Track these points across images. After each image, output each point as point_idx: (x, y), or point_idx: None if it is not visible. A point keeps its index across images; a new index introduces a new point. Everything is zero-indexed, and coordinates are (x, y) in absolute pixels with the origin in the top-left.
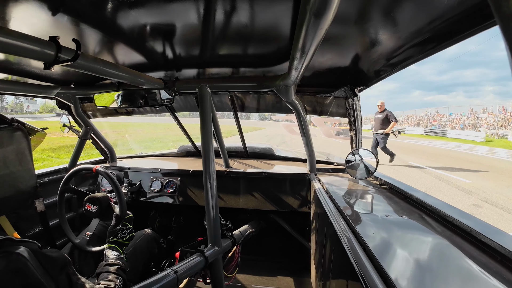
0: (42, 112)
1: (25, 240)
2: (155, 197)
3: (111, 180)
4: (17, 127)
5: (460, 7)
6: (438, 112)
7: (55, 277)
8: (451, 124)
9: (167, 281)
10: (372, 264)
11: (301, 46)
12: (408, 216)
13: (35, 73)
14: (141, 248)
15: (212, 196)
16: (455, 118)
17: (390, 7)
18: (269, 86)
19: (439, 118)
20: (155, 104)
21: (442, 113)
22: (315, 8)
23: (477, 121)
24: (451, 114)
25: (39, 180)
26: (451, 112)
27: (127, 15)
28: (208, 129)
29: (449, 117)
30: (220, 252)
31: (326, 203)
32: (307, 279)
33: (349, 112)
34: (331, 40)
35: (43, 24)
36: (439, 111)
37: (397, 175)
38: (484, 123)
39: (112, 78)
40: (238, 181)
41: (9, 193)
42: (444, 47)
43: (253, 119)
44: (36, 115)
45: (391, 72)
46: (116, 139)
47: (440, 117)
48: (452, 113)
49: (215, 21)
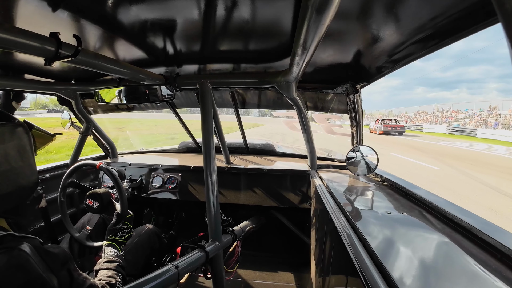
0: (33, 109)
1: (26, 236)
2: (156, 193)
3: (113, 177)
4: (18, 123)
5: (462, 4)
6: (452, 108)
7: (57, 272)
8: (471, 121)
9: (168, 276)
10: (371, 260)
11: (303, 42)
12: (409, 213)
13: (36, 69)
14: (143, 243)
15: (213, 192)
16: (471, 114)
17: (392, 3)
18: (270, 82)
19: (455, 115)
20: (156, 100)
21: (456, 109)
22: (317, 4)
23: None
24: (466, 110)
25: (41, 176)
26: (466, 108)
27: (128, 10)
28: (209, 125)
29: (466, 113)
30: (220, 248)
31: (326, 200)
32: (307, 275)
33: (351, 108)
34: (332, 36)
35: (43, 20)
36: (452, 106)
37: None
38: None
39: (113, 74)
40: (239, 177)
41: (11, 189)
42: (446, 44)
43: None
44: (26, 111)
45: (393, 69)
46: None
47: (456, 114)
48: (468, 109)
49: (216, 17)
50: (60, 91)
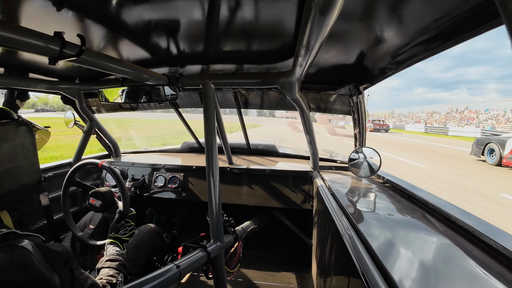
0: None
1: (29, 234)
2: (158, 192)
3: (115, 176)
4: (21, 122)
5: (466, 5)
6: (469, 108)
7: (59, 271)
8: (498, 124)
9: (170, 276)
10: (373, 262)
11: (306, 43)
12: (411, 215)
13: (40, 68)
14: (145, 242)
15: (215, 192)
16: (496, 114)
17: (396, 4)
18: (273, 83)
19: (475, 116)
20: (159, 100)
21: (474, 110)
22: (320, 5)
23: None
24: (487, 111)
25: (44, 175)
26: (487, 109)
27: (132, 10)
28: (211, 125)
29: (487, 113)
30: (222, 248)
31: (328, 201)
32: (308, 275)
33: (354, 109)
34: (336, 37)
35: (48, 19)
36: (469, 106)
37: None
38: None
39: (117, 74)
40: (241, 178)
41: (14, 187)
42: (450, 46)
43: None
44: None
45: (396, 70)
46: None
47: (476, 114)
48: (488, 109)
49: (219, 17)
50: (64, 90)
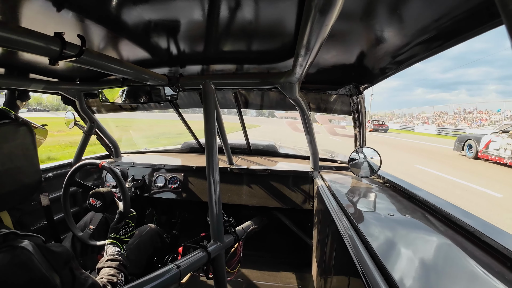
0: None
1: (29, 234)
2: (158, 193)
3: (116, 176)
4: (21, 122)
5: (466, 5)
6: (478, 108)
7: (59, 271)
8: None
9: (170, 276)
10: (374, 262)
11: (306, 43)
12: (411, 215)
13: (40, 68)
14: (145, 243)
15: (215, 192)
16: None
17: (396, 4)
18: (273, 83)
19: (488, 117)
20: (159, 100)
21: (484, 110)
22: (320, 5)
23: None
24: (499, 111)
25: (44, 175)
26: (499, 109)
27: (132, 11)
28: (211, 126)
29: (499, 114)
30: (222, 248)
31: (328, 201)
32: (308, 276)
33: (354, 110)
34: (336, 37)
35: (48, 20)
36: (478, 107)
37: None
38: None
39: (117, 74)
40: (241, 178)
41: (14, 187)
42: (450, 46)
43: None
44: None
45: (396, 70)
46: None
47: (489, 115)
48: (500, 109)
49: (219, 17)
50: (64, 91)
